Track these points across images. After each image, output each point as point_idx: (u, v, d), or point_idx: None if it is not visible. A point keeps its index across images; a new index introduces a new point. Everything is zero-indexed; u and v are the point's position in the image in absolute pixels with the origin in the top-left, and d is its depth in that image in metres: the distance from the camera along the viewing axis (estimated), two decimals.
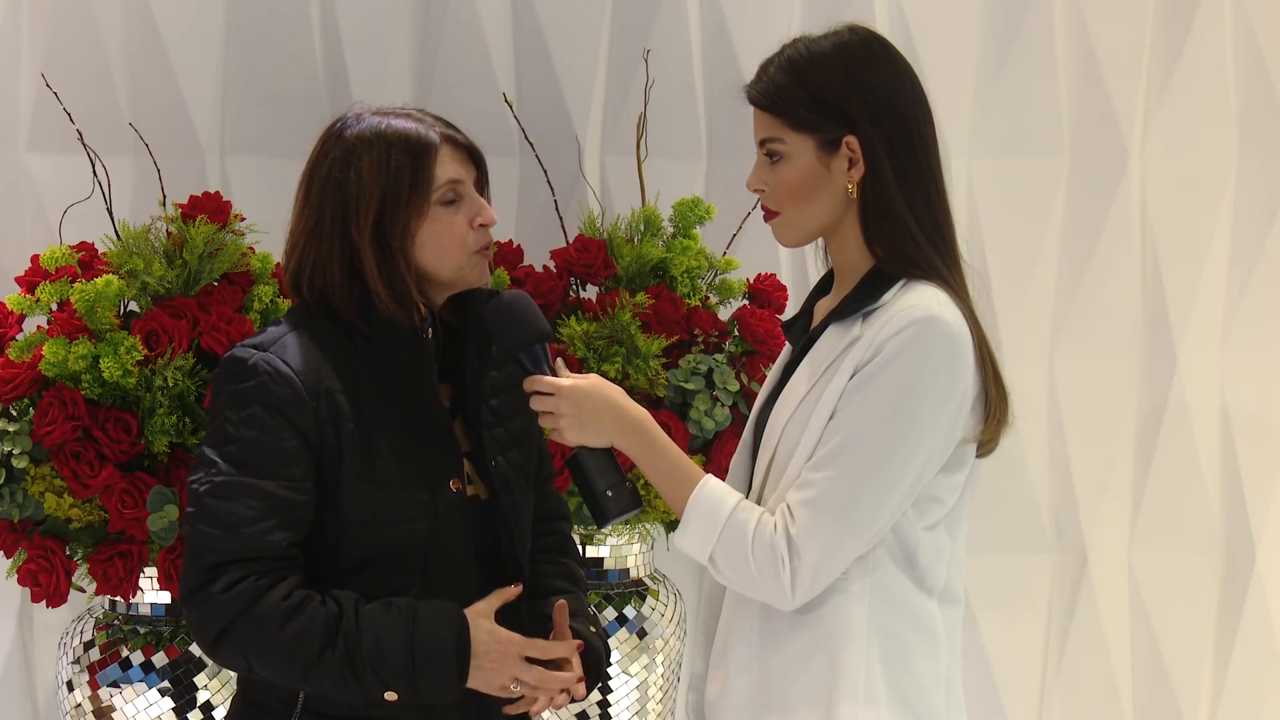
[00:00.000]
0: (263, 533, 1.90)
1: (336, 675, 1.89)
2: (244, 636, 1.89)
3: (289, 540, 1.92)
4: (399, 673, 1.89)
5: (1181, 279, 3.51)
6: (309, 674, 1.89)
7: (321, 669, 1.89)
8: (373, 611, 1.92)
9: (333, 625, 1.89)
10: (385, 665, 1.89)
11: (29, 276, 2.69)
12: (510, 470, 2.10)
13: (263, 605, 1.89)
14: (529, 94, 3.33)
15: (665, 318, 2.87)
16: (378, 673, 1.89)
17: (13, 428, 2.56)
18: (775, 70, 1.97)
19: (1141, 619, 3.58)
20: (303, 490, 1.93)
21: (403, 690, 1.90)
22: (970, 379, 1.92)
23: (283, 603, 1.89)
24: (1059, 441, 3.55)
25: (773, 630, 1.95)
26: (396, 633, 1.90)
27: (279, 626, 1.88)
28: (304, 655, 1.88)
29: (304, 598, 1.91)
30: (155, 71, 3.20)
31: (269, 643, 1.89)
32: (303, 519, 1.94)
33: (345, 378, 1.97)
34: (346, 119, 2.02)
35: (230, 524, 1.90)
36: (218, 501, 1.91)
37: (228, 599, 1.89)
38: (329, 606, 1.91)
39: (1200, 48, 3.46)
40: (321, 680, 1.90)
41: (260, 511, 1.90)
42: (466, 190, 2.02)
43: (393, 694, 1.91)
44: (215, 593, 1.89)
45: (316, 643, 1.88)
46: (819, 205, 1.97)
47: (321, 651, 1.88)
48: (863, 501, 1.87)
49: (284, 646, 1.88)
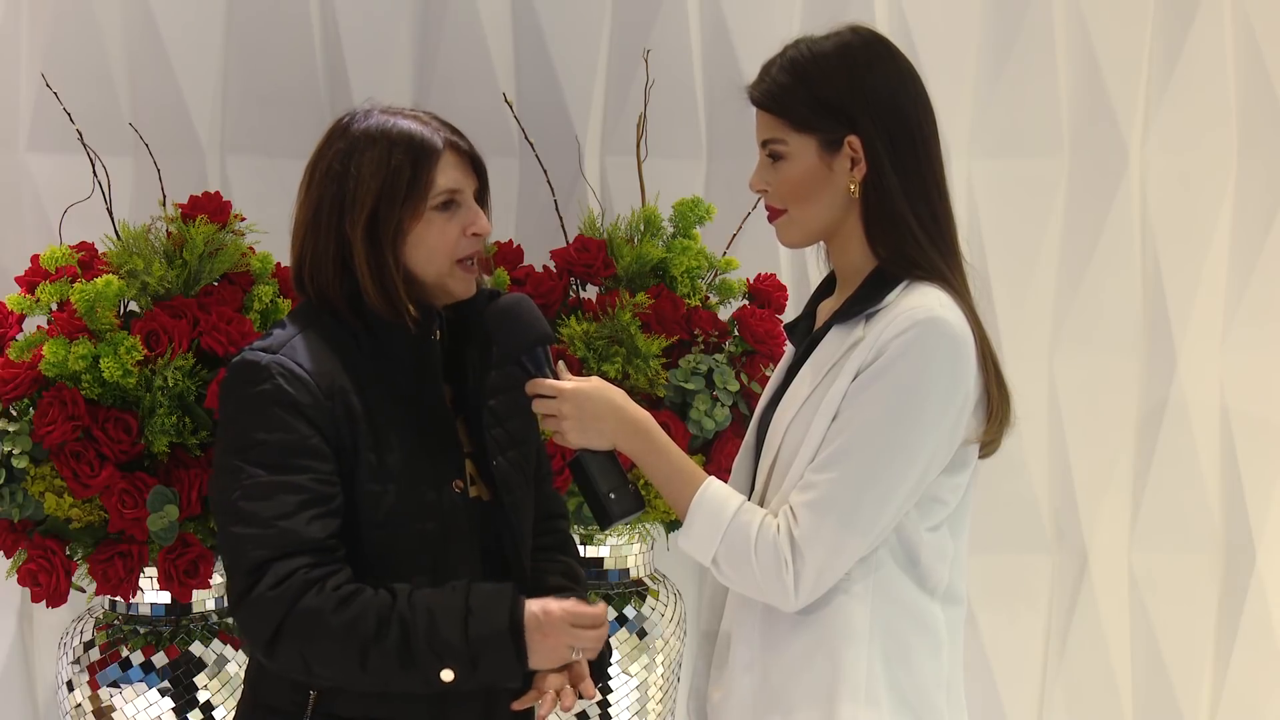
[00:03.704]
0: (302, 524, 1.88)
1: (394, 661, 1.87)
2: (298, 631, 1.87)
3: (329, 531, 1.91)
4: (454, 649, 1.88)
5: (1181, 279, 3.51)
6: (366, 662, 1.87)
7: (378, 655, 1.87)
8: (426, 595, 1.91)
9: (386, 611, 1.88)
10: (439, 641, 1.87)
11: (29, 276, 2.69)
12: (511, 470, 2.11)
13: (313, 599, 1.87)
14: (529, 94, 3.33)
15: (665, 318, 2.86)
16: (433, 649, 1.87)
17: (13, 428, 2.56)
18: (777, 71, 1.97)
19: (1141, 619, 3.58)
20: (333, 483, 1.93)
21: (461, 667, 1.88)
22: (972, 380, 1.92)
23: (334, 594, 1.88)
24: (1059, 441, 3.55)
25: (775, 631, 1.96)
26: (451, 611, 1.89)
27: (331, 616, 1.86)
28: (359, 642, 1.86)
29: (356, 588, 1.90)
30: (155, 71, 3.20)
31: (324, 634, 1.87)
32: (338, 509, 1.93)
33: (355, 378, 1.97)
34: (355, 114, 2.02)
35: (268, 521, 1.88)
36: (252, 503, 1.89)
37: (277, 595, 1.87)
38: (381, 595, 1.90)
39: (1200, 48, 3.46)
40: (379, 667, 1.87)
41: (297, 505, 1.89)
42: (465, 199, 2.01)
43: (450, 672, 1.88)
44: (264, 590, 1.87)
45: (371, 629, 1.87)
46: (821, 205, 1.97)
47: (377, 637, 1.87)
48: (865, 503, 1.87)
49: (339, 636, 1.86)
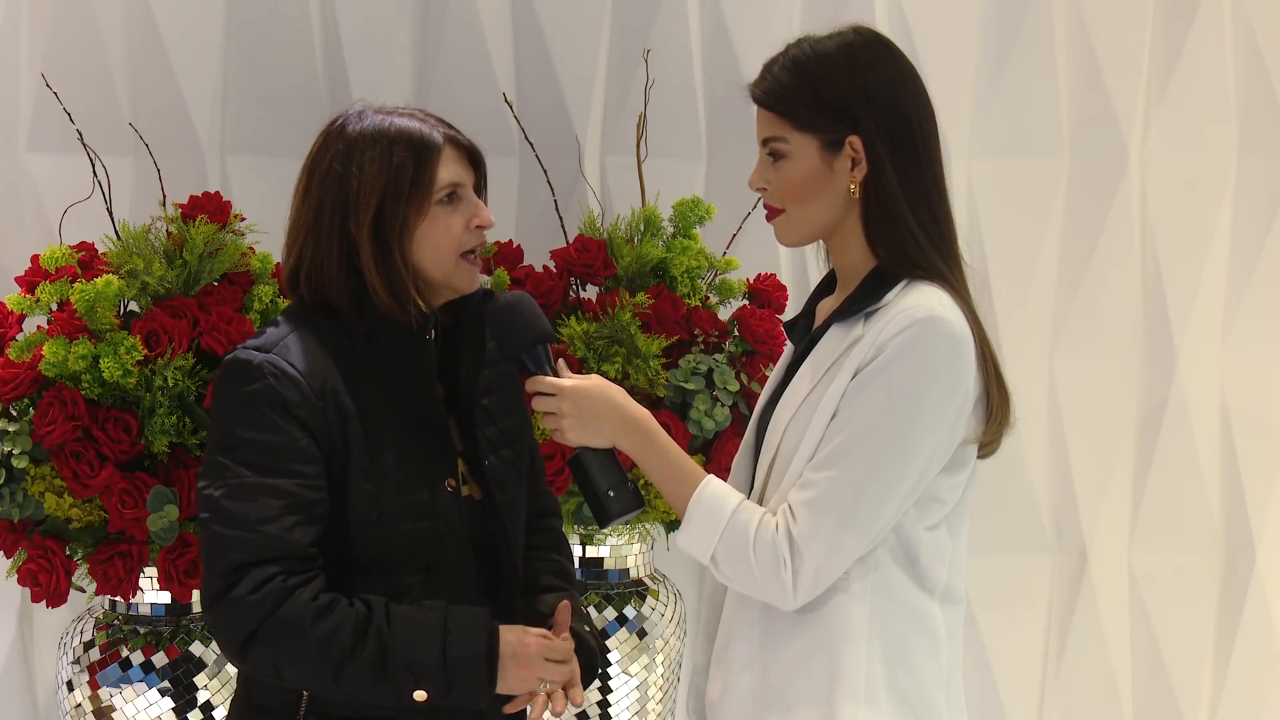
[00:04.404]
0: (285, 530, 1.88)
1: (368, 675, 1.87)
2: (273, 639, 1.87)
3: (310, 538, 1.91)
4: (431, 672, 1.88)
5: (1181, 279, 3.51)
6: (340, 675, 1.87)
7: (353, 669, 1.87)
8: (403, 612, 1.91)
9: (363, 625, 1.88)
10: (418, 664, 1.87)
11: (29, 276, 2.68)
12: (503, 469, 2.10)
13: (291, 607, 1.86)
14: (529, 94, 3.33)
15: (665, 318, 2.86)
16: (411, 670, 1.87)
17: (13, 428, 2.56)
18: (779, 70, 1.97)
19: (1141, 619, 3.58)
20: (318, 488, 1.92)
21: (435, 689, 1.89)
22: (972, 379, 1.92)
23: (312, 604, 1.87)
24: (1059, 441, 3.55)
25: (774, 630, 1.96)
26: (430, 633, 1.89)
27: (309, 627, 1.86)
28: (335, 656, 1.87)
29: (332, 599, 1.89)
30: (155, 71, 3.20)
31: (299, 645, 1.86)
32: (321, 515, 1.93)
33: (347, 377, 1.97)
34: (349, 115, 2.01)
35: (251, 524, 1.88)
36: (236, 504, 1.89)
37: (255, 601, 1.86)
38: (358, 607, 1.90)
39: (1200, 48, 3.46)
40: (352, 681, 1.88)
41: (280, 510, 1.89)
42: (466, 193, 2.02)
43: (423, 693, 1.89)
44: (242, 595, 1.87)
45: (348, 643, 1.87)
46: (821, 205, 1.97)
47: (353, 651, 1.87)
48: (864, 502, 1.87)
49: (315, 648, 1.86)
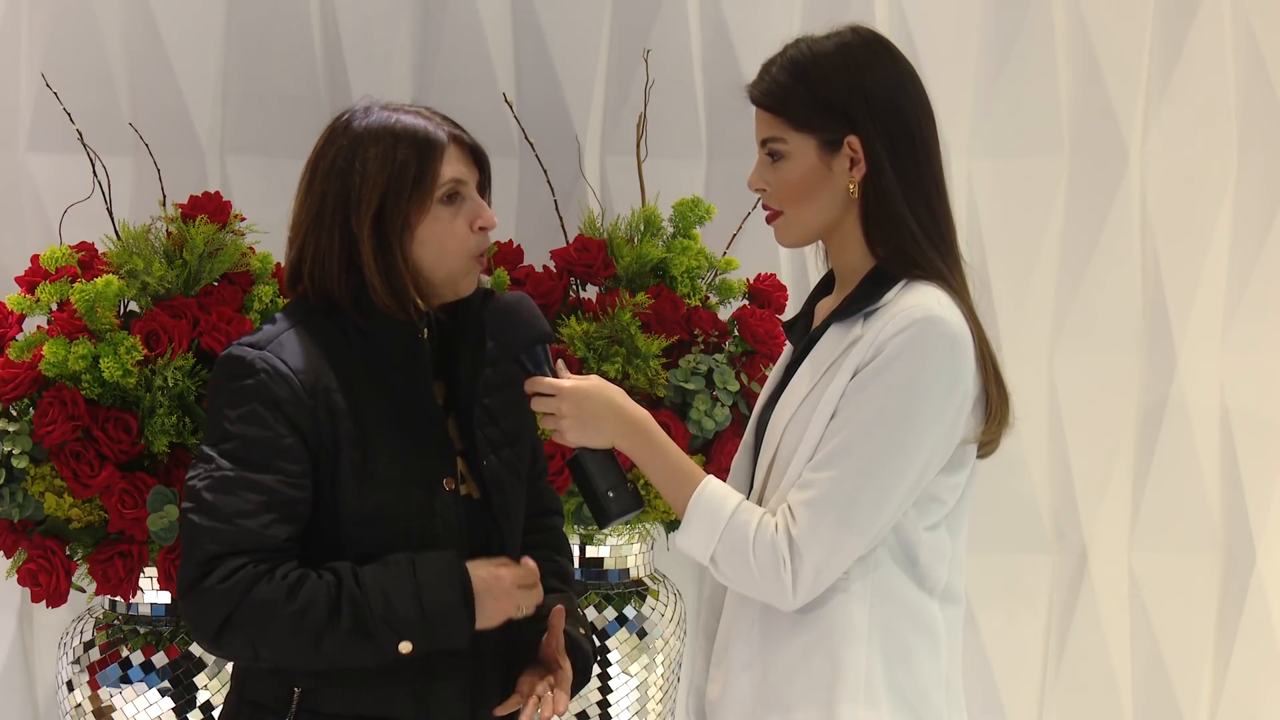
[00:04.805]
0: (262, 526, 1.90)
1: (349, 642, 1.89)
2: (248, 622, 1.88)
3: (286, 534, 1.92)
4: (411, 624, 1.90)
5: (1181, 279, 3.51)
6: (320, 646, 1.89)
7: (333, 638, 1.88)
8: (372, 572, 1.92)
9: (335, 594, 1.89)
10: (397, 619, 1.89)
11: (29, 276, 2.68)
12: (502, 469, 2.10)
13: (262, 589, 1.88)
14: (529, 94, 3.33)
15: (665, 318, 2.86)
16: (391, 626, 1.89)
17: (13, 428, 2.56)
18: (778, 70, 1.97)
19: (1141, 619, 3.58)
20: (301, 487, 1.93)
21: (417, 638, 1.90)
22: (971, 379, 1.92)
23: (282, 582, 1.89)
24: (1059, 441, 3.54)
25: (774, 630, 1.96)
26: (403, 588, 1.90)
27: (282, 605, 1.88)
28: (312, 630, 1.88)
29: (301, 574, 1.91)
30: (155, 71, 3.20)
31: (274, 623, 1.88)
32: (301, 514, 1.94)
33: (342, 376, 1.97)
34: (354, 111, 2.01)
35: (228, 517, 1.89)
36: (216, 496, 1.91)
37: (226, 589, 1.88)
38: (326, 578, 1.91)
39: (1200, 48, 3.46)
40: (333, 650, 1.89)
41: (259, 505, 1.90)
42: (469, 191, 2.02)
43: (407, 644, 1.90)
44: (213, 584, 1.88)
45: (323, 615, 1.88)
46: (820, 205, 1.97)
47: (330, 622, 1.88)
48: (864, 501, 1.87)
49: (290, 624, 1.88)
